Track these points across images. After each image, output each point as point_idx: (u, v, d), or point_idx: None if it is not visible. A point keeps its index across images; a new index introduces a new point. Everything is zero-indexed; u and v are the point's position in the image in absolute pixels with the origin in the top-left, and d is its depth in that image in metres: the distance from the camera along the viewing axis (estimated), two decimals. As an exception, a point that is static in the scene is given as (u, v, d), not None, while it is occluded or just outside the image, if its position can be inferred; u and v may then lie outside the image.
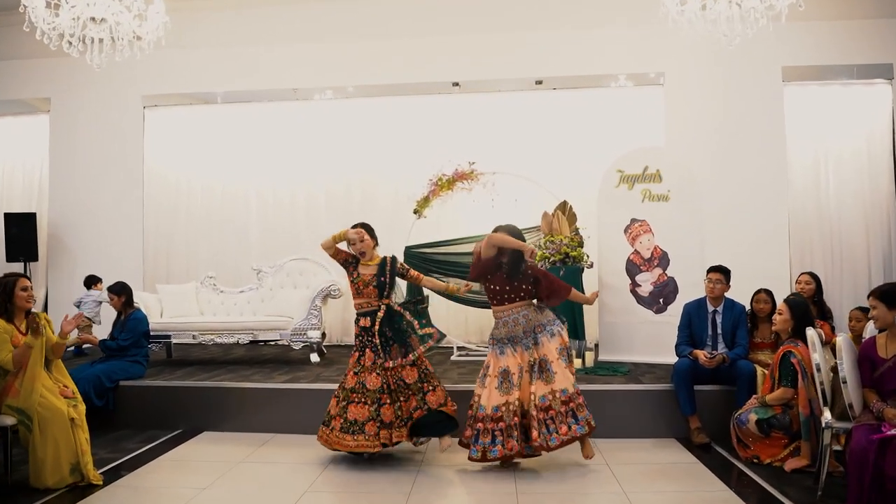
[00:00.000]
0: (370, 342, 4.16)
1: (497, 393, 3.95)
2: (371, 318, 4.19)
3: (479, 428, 3.93)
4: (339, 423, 4.09)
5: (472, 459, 3.93)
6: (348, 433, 4.03)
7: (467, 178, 6.31)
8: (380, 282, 4.21)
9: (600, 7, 7.23)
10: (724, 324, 4.73)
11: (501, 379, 3.98)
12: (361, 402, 4.06)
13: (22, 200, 8.26)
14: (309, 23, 7.62)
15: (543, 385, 3.94)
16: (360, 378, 4.12)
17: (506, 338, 4.08)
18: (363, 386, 4.09)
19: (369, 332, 4.17)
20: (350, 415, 4.05)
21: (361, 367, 4.15)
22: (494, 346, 4.12)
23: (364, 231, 4.31)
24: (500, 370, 4.01)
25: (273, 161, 7.88)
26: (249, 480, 3.92)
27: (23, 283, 3.88)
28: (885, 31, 7.03)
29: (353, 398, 4.09)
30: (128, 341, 5.15)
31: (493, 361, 4.08)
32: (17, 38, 7.96)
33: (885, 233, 7.05)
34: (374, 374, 4.10)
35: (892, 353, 3.09)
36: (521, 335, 4.06)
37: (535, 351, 4.03)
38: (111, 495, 3.68)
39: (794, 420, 3.94)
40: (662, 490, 3.67)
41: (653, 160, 6.01)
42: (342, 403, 4.13)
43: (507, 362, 4.01)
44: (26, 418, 3.69)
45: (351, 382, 4.15)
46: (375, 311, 4.20)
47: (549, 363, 3.98)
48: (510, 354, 4.03)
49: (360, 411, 4.03)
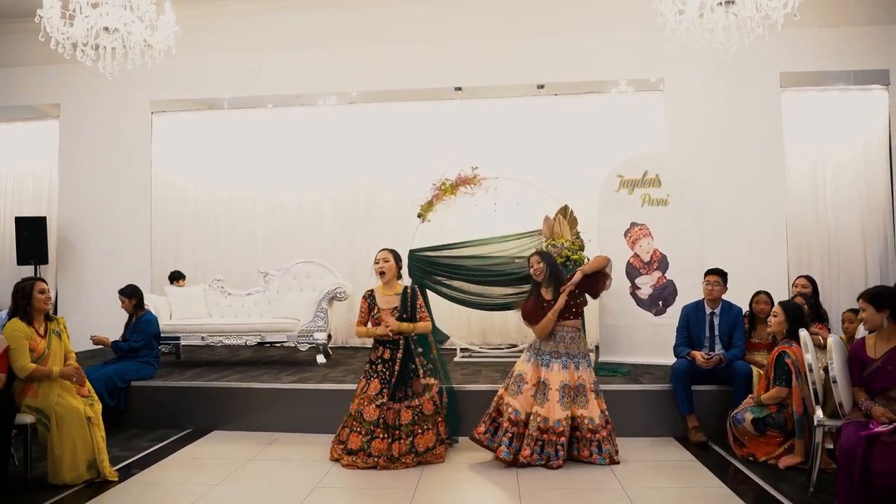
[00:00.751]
0: (383, 373, 4.27)
1: (524, 399, 4.17)
2: (391, 350, 4.30)
3: (513, 432, 4.12)
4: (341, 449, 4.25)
5: (503, 461, 4.09)
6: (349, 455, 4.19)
7: (470, 182, 6.43)
8: (401, 318, 4.31)
9: (601, 14, 7.37)
10: (722, 325, 4.84)
11: (537, 389, 4.18)
12: (356, 431, 4.19)
13: (32, 204, 8.40)
14: (314, 29, 7.76)
15: (577, 408, 4.13)
16: (360, 407, 4.24)
17: (550, 352, 4.24)
18: (361, 415, 4.21)
19: (386, 363, 4.29)
20: (350, 443, 4.19)
21: (365, 394, 4.27)
22: (538, 357, 4.27)
23: (390, 254, 4.45)
24: (539, 380, 4.19)
25: (279, 166, 8.01)
26: (260, 477, 4.04)
27: (40, 286, 4.01)
28: (881, 38, 7.15)
29: (352, 426, 4.23)
30: (139, 343, 5.28)
31: (533, 371, 4.23)
32: (26, 45, 8.15)
33: (882, 236, 7.16)
34: (373, 405, 4.20)
35: (881, 353, 3.21)
36: (565, 353, 4.22)
37: (573, 374, 4.20)
38: (127, 491, 3.81)
39: (788, 419, 4.05)
40: (660, 486, 3.78)
41: (652, 165, 6.13)
42: (346, 431, 4.26)
43: (546, 375, 4.18)
44: (44, 417, 3.82)
45: (353, 408, 4.29)
46: (396, 342, 4.30)
47: (586, 390, 4.18)
48: (556, 369, 4.19)
49: (355, 440, 4.17)
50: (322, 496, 3.70)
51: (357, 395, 4.33)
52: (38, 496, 3.66)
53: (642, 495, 3.61)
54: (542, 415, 4.10)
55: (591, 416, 4.13)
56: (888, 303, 3.18)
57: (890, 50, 7.12)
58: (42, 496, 3.66)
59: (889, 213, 7.15)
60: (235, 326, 6.19)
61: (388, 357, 4.30)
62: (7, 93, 8.33)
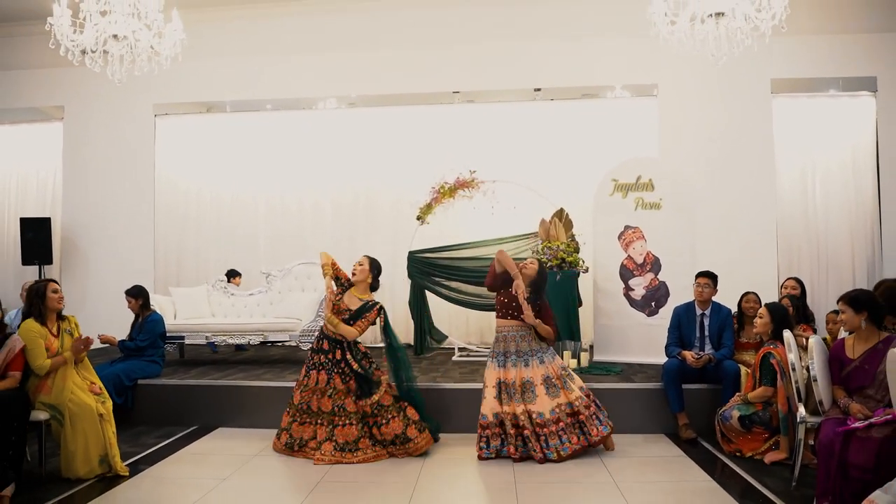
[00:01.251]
0: (326, 366, 4.44)
1: (495, 402, 4.34)
2: (336, 347, 4.48)
3: (487, 435, 4.31)
4: (285, 437, 4.41)
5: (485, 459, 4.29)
6: (292, 449, 4.36)
7: (468, 185, 6.59)
8: (347, 322, 4.47)
9: (597, 20, 7.52)
10: (712, 326, 5.01)
11: (499, 390, 4.35)
12: (307, 423, 4.36)
13: (36, 205, 8.52)
14: (315, 34, 7.89)
15: (549, 400, 4.28)
16: (305, 398, 4.41)
17: (503, 352, 4.41)
18: (308, 407, 4.38)
19: (326, 355, 4.47)
20: (295, 432, 4.37)
21: (305, 386, 4.45)
22: (494, 360, 4.45)
23: (367, 261, 4.62)
24: (498, 381, 4.37)
25: (280, 168, 8.16)
26: (266, 472, 4.18)
27: (53, 287, 4.15)
28: (869, 46, 7.32)
29: (300, 418, 4.40)
30: (145, 342, 5.42)
31: (492, 373, 4.42)
32: (31, 48, 8.32)
33: (869, 240, 7.35)
34: (325, 396, 4.38)
35: (859, 353, 3.37)
36: (514, 352, 4.39)
37: (523, 371, 4.36)
38: (138, 485, 3.95)
39: (773, 416, 4.22)
40: (651, 480, 3.94)
41: (646, 170, 6.29)
42: (289, 420, 4.45)
43: (505, 375, 4.36)
44: (58, 413, 3.96)
45: (296, 399, 4.46)
46: (340, 343, 4.48)
47: (535, 385, 4.32)
48: (510, 367, 4.37)
49: (305, 430, 4.35)
50: (327, 489, 3.85)
51: (297, 386, 4.50)
52: (52, 490, 3.80)
53: (634, 489, 3.77)
54: (515, 412, 4.27)
55: (540, 410, 4.25)
56: (866, 305, 3.35)
57: (877, 58, 7.30)
58: (56, 490, 3.80)
59: (876, 216, 7.33)
60: (239, 326, 6.32)
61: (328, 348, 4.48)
62: (12, 95, 8.44)
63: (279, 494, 3.82)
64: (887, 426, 3.01)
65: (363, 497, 3.79)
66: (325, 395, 4.42)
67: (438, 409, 4.92)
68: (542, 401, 4.28)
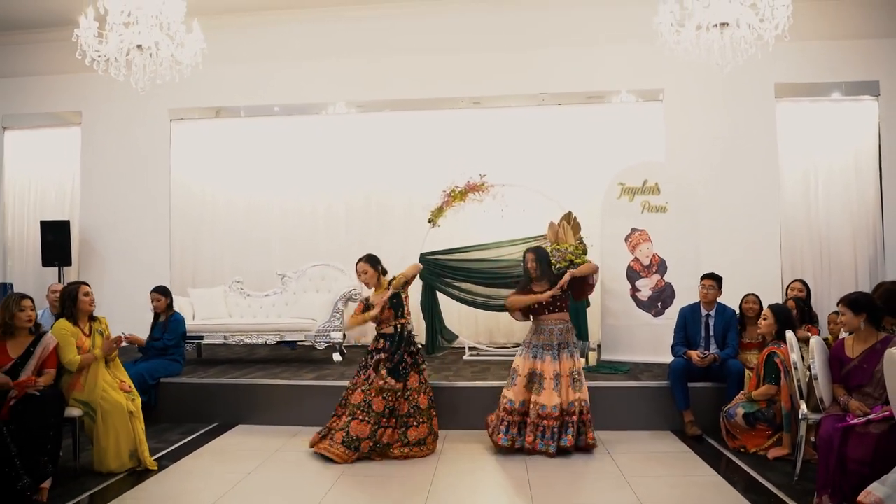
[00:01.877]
0: (383, 362, 4.57)
1: (525, 390, 4.51)
2: (389, 340, 4.63)
3: (508, 420, 4.47)
4: (341, 436, 4.46)
5: (501, 447, 4.46)
6: (349, 448, 4.41)
7: (479, 189, 6.75)
8: (393, 304, 4.65)
9: (604, 27, 7.66)
10: (716, 326, 5.17)
11: (529, 379, 4.52)
12: (365, 421, 4.45)
13: (55, 208, 8.71)
14: (327, 41, 8.07)
15: (573, 392, 4.47)
16: (367, 397, 4.51)
17: (541, 345, 4.58)
18: (369, 406, 4.48)
19: (385, 351, 4.60)
20: (353, 431, 4.44)
21: (370, 385, 4.55)
22: (529, 350, 4.61)
23: (366, 265, 4.76)
24: (530, 371, 4.53)
25: (294, 172, 8.34)
26: (288, 466, 4.36)
27: (85, 290, 4.34)
28: (871, 51, 7.46)
29: (357, 415, 4.48)
30: (172, 341, 5.63)
31: (525, 363, 4.58)
32: (49, 54, 8.52)
33: (871, 242, 7.49)
34: (380, 397, 4.50)
35: (858, 353, 3.53)
36: (556, 345, 4.56)
37: (564, 363, 4.54)
38: (167, 479, 4.14)
39: (777, 414, 4.38)
40: (658, 475, 4.11)
41: (652, 174, 6.44)
42: (346, 419, 4.52)
43: (541, 367, 4.52)
44: (90, 410, 4.15)
45: (357, 399, 4.55)
46: (394, 336, 4.64)
47: (561, 377, 4.51)
48: (548, 360, 4.53)
49: (362, 429, 4.43)
50: (349, 482, 4.03)
51: (359, 386, 4.58)
52: (86, 483, 3.99)
53: (640, 482, 3.93)
54: (540, 402, 4.43)
55: (561, 402, 4.42)
56: (864, 307, 3.51)
57: (879, 62, 7.43)
58: (90, 483, 3.99)
59: (878, 218, 7.46)
60: (256, 326, 6.51)
61: (385, 345, 4.62)
62: (31, 100, 8.64)
63: (304, 487, 3.98)
64: (884, 422, 3.17)
65: (384, 489, 3.97)
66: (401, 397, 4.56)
67: (450, 406, 5.10)
68: (567, 392, 4.46)
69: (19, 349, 3.98)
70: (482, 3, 7.78)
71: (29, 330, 4.05)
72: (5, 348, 3.97)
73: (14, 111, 8.69)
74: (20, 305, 3.98)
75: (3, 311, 3.98)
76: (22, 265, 8.77)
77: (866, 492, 2.90)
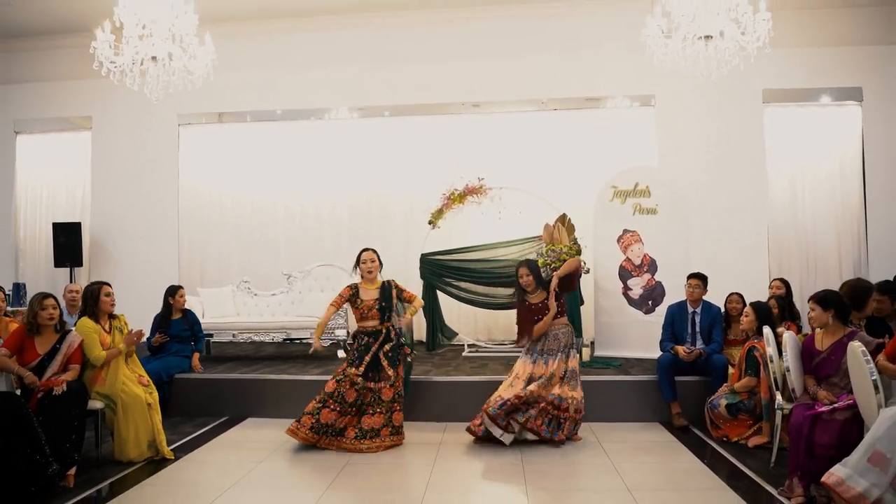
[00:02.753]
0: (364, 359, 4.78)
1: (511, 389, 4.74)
2: (373, 337, 4.85)
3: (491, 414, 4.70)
4: (310, 421, 4.69)
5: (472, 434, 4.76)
6: (317, 433, 4.65)
7: (477, 192, 7.02)
8: (381, 306, 4.87)
9: (598, 34, 7.92)
10: (702, 323, 5.44)
11: (527, 384, 4.73)
12: (334, 410, 4.67)
13: (67, 210, 8.96)
14: (331, 48, 8.33)
15: (569, 390, 4.70)
16: (341, 388, 4.72)
17: (549, 350, 4.83)
18: (342, 396, 4.70)
19: (368, 348, 4.81)
20: (322, 418, 4.67)
21: (344, 376, 4.76)
22: (528, 355, 4.87)
23: (376, 255, 4.99)
24: (530, 376, 4.76)
25: (298, 175, 8.61)
26: (297, 456, 4.63)
27: (106, 290, 4.60)
28: (855, 57, 7.72)
29: (329, 404, 4.69)
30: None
31: (525, 368, 4.82)
32: (60, 60, 8.80)
33: (856, 244, 7.76)
34: (352, 389, 4.71)
35: (827, 346, 3.79)
36: (557, 349, 4.81)
37: (553, 364, 4.77)
38: (184, 467, 4.41)
39: (757, 404, 4.65)
40: (645, 462, 4.38)
41: (643, 177, 6.71)
42: (317, 405, 4.73)
43: (543, 370, 4.75)
44: (111, 403, 4.42)
45: (331, 388, 4.76)
46: (379, 332, 4.86)
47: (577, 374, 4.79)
48: (550, 362, 4.77)
49: (331, 416, 4.66)
50: (353, 470, 4.30)
51: (335, 376, 4.80)
52: (108, 471, 4.27)
53: (628, 468, 4.21)
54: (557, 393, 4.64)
55: (560, 395, 4.66)
56: (832, 304, 3.77)
57: (863, 69, 7.70)
58: (111, 471, 4.27)
59: (862, 220, 7.72)
60: (264, 324, 6.78)
61: (370, 342, 4.83)
62: (43, 106, 8.90)
63: (312, 474, 4.26)
64: (848, 410, 3.44)
65: (387, 476, 4.23)
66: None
67: (450, 400, 5.37)
68: (563, 388, 4.70)
69: (46, 346, 4.26)
70: (480, 11, 8.05)
71: (54, 328, 4.32)
72: (33, 345, 4.25)
73: (26, 116, 8.96)
74: (42, 304, 4.25)
75: (29, 309, 4.26)
76: (34, 266, 9.03)
77: (829, 473, 3.18)
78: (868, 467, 3.06)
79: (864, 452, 3.10)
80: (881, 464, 3.04)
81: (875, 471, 3.05)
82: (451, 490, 3.97)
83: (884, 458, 3.04)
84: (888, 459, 3.03)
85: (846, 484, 3.09)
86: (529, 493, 3.83)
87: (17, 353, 4.19)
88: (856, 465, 3.11)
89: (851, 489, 3.07)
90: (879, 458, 3.04)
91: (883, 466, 3.03)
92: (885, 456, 3.04)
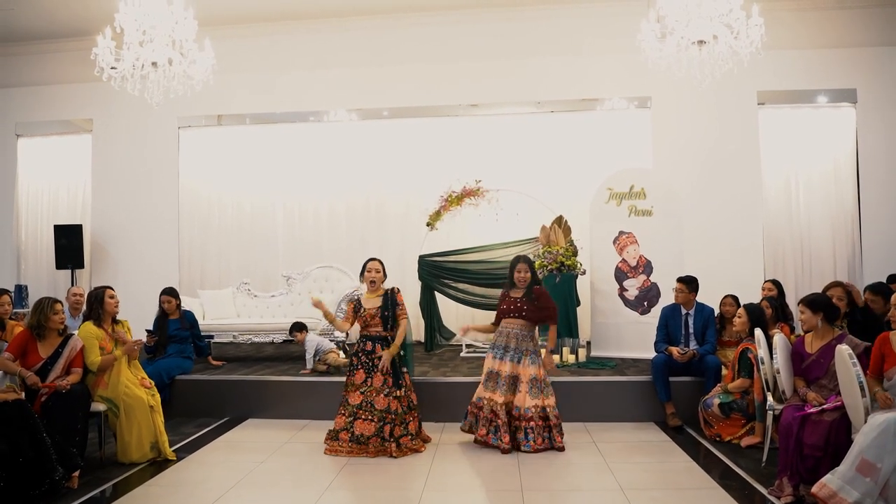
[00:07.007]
0: (367, 363, 4.80)
1: (482, 388, 4.85)
2: (380, 343, 4.85)
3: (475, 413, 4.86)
4: (346, 436, 4.71)
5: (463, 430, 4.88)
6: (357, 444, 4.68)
7: (474, 194, 7.10)
8: (383, 315, 4.89)
9: (593, 36, 7.99)
10: (696, 324, 5.51)
11: (488, 377, 4.83)
12: (369, 420, 4.69)
13: (68, 212, 9.04)
14: (328, 51, 8.41)
15: (530, 398, 4.69)
16: (368, 397, 4.74)
17: (503, 346, 4.87)
18: (371, 405, 4.72)
19: (368, 354, 4.83)
20: (357, 429, 4.69)
21: (369, 387, 4.77)
22: (493, 350, 4.93)
23: (381, 265, 5.01)
24: (489, 370, 4.85)
25: (297, 177, 8.70)
26: (297, 456, 4.70)
27: (110, 293, 4.67)
28: (850, 59, 7.79)
29: (360, 415, 4.72)
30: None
31: (487, 363, 4.91)
32: (61, 64, 8.85)
33: (850, 245, 7.84)
34: (381, 395, 4.73)
35: (816, 348, 3.87)
36: (514, 349, 4.82)
37: (515, 367, 4.80)
38: (186, 468, 4.48)
39: (750, 404, 4.73)
40: (638, 462, 4.46)
41: (638, 179, 6.78)
42: (349, 419, 4.75)
43: (499, 367, 4.82)
44: (114, 405, 4.48)
45: (357, 400, 4.77)
46: (384, 338, 4.88)
47: (520, 383, 4.75)
48: (506, 361, 4.81)
49: (367, 427, 4.67)
50: (353, 469, 4.38)
51: (356, 388, 4.80)
52: (111, 472, 4.33)
53: (622, 468, 4.28)
54: (494, 400, 4.71)
55: (520, 405, 4.68)
56: (822, 307, 3.85)
57: (857, 70, 7.76)
58: (115, 472, 4.33)
59: (856, 220, 7.80)
60: (264, 325, 6.84)
61: (371, 349, 4.85)
62: (44, 109, 8.96)
63: (311, 475, 4.33)
64: (836, 411, 3.51)
65: (385, 475, 4.30)
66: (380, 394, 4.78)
67: (448, 400, 5.44)
68: (524, 397, 4.70)
69: (49, 349, 4.33)
70: (478, 14, 8.12)
71: (58, 332, 4.39)
72: (36, 348, 4.32)
73: (27, 119, 9.03)
74: (54, 309, 4.32)
75: (37, 313, 4.32)
76: (36, 268, 9.10)
77: (820, 484, 3.25)
78: (857, 476, 3.13)
79: (852, 462, 3.16)
80: (870, 473, 3.10)
81: (865, 480, 3.11)
82: (449, 490, 4.04)
83: (872, 466, 3.09)
84: (877, 468, 3.09)
85: (839, 496, 3.15)
86: (525, 492, 3.90)
87: (21, 356, 4.26)
88: (844, 474, 3.17)
89: (844, 501, 3.13)
90: (868, 467, 3.10)
91: (871, 475, 3.09)
92: (873, 465, 3.09)
